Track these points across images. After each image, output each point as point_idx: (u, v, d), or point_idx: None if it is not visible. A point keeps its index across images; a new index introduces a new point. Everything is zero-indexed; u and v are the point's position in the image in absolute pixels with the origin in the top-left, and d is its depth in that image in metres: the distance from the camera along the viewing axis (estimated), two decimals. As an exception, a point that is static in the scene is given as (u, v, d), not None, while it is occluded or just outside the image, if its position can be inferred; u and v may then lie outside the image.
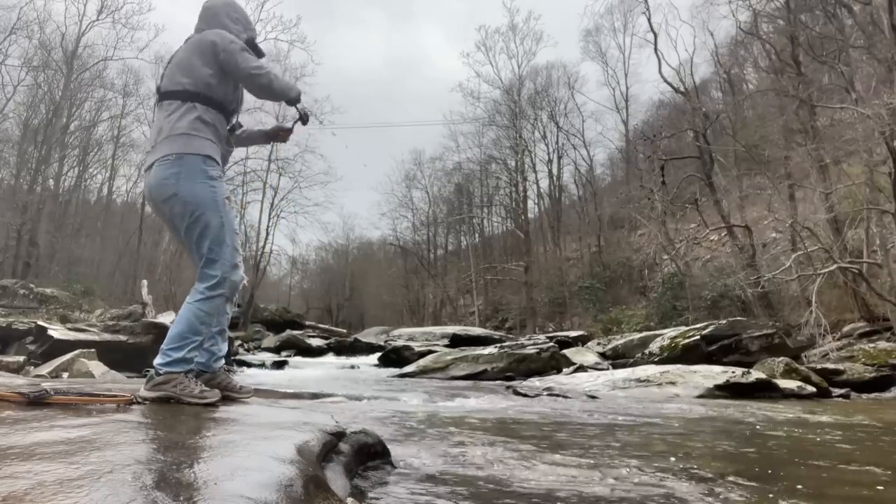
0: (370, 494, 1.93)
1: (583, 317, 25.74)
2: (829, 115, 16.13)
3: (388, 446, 2.35)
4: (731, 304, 16.61)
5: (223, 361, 2.43)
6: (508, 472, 2.34)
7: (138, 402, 2.01)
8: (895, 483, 2.38)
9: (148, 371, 2.16)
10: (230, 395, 2.35)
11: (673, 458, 2.77)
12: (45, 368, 6.76)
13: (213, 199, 2.17)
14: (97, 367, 6.55)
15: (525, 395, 6.17)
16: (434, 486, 2.09)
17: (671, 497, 2.04)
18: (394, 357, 12.11)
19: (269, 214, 30.34)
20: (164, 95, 2.29)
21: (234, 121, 2.44)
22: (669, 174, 21.63)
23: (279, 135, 2.67)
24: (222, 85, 2.29)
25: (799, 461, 2.81)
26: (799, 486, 2.22)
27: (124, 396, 2.04)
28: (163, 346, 2.17)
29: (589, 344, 14.07)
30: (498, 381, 8.43)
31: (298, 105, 2.45)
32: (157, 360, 2.15)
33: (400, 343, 14.18)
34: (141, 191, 28.97)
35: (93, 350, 7.49)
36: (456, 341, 14.83)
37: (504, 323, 31.37)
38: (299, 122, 2.51)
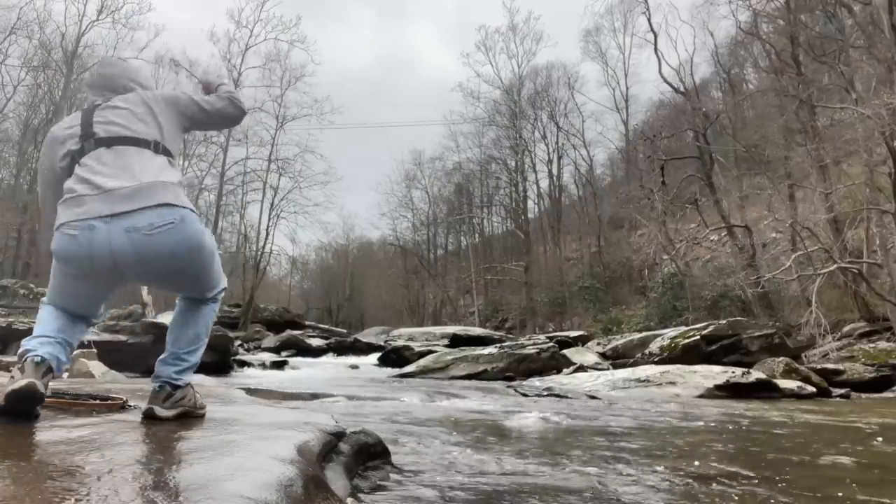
0: (370, 494, 1.93)
1: (583, 317, 25.75)
2: (829, 115, 16.14)
3: (388, 446, 2.35)
4: (731, 304, 16.62)
5: None
6: (506, 471, 2.34)
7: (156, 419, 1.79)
8: (893, 482, 2.38)
9: (162, 383, 1.82)
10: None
11: (672, 458, 2.77)
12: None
13: (210, 242, 1.89)
14: (97, 367, 6.54)
15: (525, 396, 6.17)
16: (434, 486, 2.09)
17: (671, 497, 2.04)
18: (394, 357, 12.11)
19: (269, 214, 30.31)
20: (115, 141, 1.79)
21: None
22: (669, 174, 21.64)
23: None
24: (178, 147, 2.03)
25: (799, 461, 2.81)
26: (799, 486, 2.22)
27: (117, 400, 1.99)
28: (175, 350, 1.86)
29: (589, 344, 14.08)
30: (498, 381, 8.42)
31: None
32: (172, 369, 1.82)
33: (400, 343, 14.19)
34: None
35: (93, 350, 7.48)
36: (456, 341, 14.83)
37: (504, 323, 31.39)
38: None
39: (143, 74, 2.12)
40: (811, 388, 7.00)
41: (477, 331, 17.70)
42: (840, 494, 2.14)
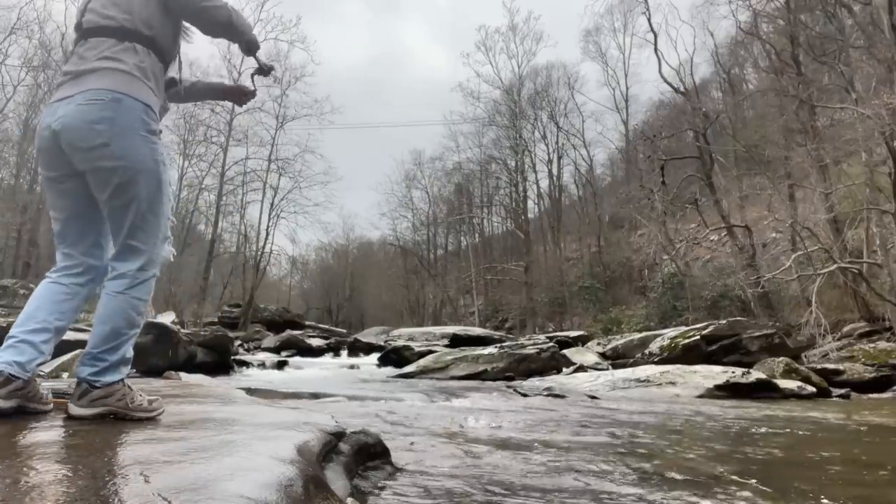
0: (370, 494, 1.93)
1: (583, 317, 25.76)
2: (829, 115, 16.15)
3: (388, 446, 2.35)
4: (731, 304, 16.63)
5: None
6: (507, 471, 2.34)
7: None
8: (894, 482, 2.38)
9: (83, 383, 1.72)
10: (32, 408, 1.72)
11: (671, 458, 2.77)
12: (45, 368, 6.76)
13: (153, 158, 1.79)
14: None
15: (525, 395, 6.17)
16: (434, 486, 2.09)
17: (669, 496, 2.04)
18: (394, 357, 12.10)
19: (269, 214, 30.36)
20: (88, 33, 1.87)
21: (168, 74, 2.05)
22: (669, 174, 21.65)
23: (238, 95, 2.31)
24: (164, 28, 1.93)
25: (799, 461, 2.81)
26: (799, 487, 2.22)
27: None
28: (90, 349, 1.74)
29: (589, 344, 14.08)
30: (498, 381, 8.42)
31: (258, 54, 2.14)
32: (88, 370, 1.72)
33: (400, 343, 14.16)
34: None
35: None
36: (456, 341, 14.81)
37: (504, 323, 31.38)
38: (259, 75, 2.23)
39: None
40: (811, 389, 6.99)
41: (477, 331, 17.67)
42: (840, 494, 2.14)
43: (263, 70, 2.21)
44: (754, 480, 2.30)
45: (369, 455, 2.20)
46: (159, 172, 1.83)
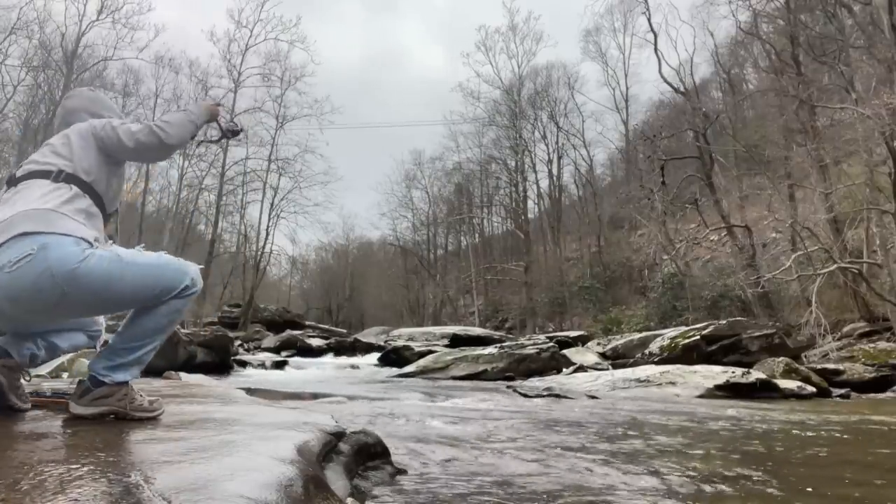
0: (370, 494, 1.93)
1: (583, 317, 25.75)
2: (829, 115, 16.15)
3: (388, 446, 2.35)
4: (731, 304, 16.63)
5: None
6: (508, 471, 2.34)
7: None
8: (893, 482, 2.39)
9: (89, 376, 1.72)
10: (13, 402, 1.76)
11: (672, 458, 2.77)
12: (45, 368, 6.74)
13: (108, 266, 1.62)
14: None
15: (525, 395, 6.17)
16: (434, 486, 2.09)
17: (671, 496, 2.04)
18: (394, 357, 12.11)
19: (269, 214, 30.34)
20: (20, 179, 1.76)
21: (108, 229, 1.92)
22: (669, 174, 21.65)
23: None
24: (101, 176, 1.84)
25: (798, 461, 2.81)
26: (798, 486, 2.23)
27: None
28: (114, 343, 1.74)
29: (589, 344, 14.08)
30: (498, 381, 8.43)
31: (221, 121, 2.13)
32: (103, 363, 1.71)
33: (400, 343, 14.17)
34: (140, 190, 28.93)
35: (93, 350, 7.46)
36: (456, 341, 14.82)
37: (504, 323, 31.38)
38: (226, 138, 2.22)
39: (101, 103, 2.08)
40: (811, 389, 7.00)
41: (477, 331, 17.67)
42: (839, 493, 2.14)
43: (228, 133, 2.22)
44: (752, 479, 2.30)
45: (369, 455, 2.19)
46: (125, 262, 1.67)
